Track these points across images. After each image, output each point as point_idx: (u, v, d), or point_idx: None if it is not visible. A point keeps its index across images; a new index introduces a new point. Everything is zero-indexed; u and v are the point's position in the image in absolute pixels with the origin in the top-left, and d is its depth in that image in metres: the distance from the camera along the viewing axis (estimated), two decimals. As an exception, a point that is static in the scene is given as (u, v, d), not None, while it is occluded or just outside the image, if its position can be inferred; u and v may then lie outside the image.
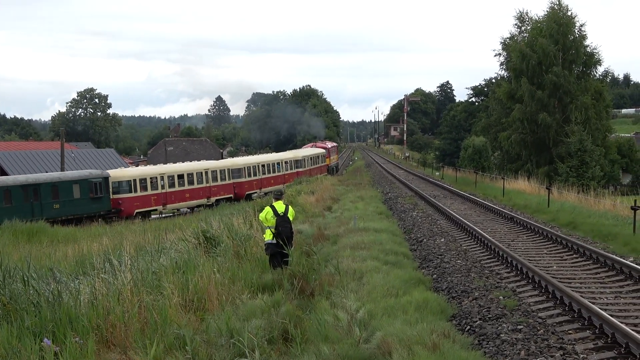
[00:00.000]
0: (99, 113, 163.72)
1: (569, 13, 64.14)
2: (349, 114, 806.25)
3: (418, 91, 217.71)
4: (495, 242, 21.36)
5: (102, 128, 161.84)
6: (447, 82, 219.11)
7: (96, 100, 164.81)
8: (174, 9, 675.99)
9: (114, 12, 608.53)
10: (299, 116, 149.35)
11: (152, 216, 55.56)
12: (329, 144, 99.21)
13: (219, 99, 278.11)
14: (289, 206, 17.68)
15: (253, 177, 67.77)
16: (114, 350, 11.17)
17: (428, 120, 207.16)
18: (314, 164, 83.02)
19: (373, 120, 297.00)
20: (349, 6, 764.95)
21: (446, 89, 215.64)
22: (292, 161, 76.64)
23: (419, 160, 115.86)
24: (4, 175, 69.57)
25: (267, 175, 70.27)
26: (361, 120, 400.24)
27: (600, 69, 67.05)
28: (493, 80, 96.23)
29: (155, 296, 12.83)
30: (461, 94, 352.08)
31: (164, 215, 56.94)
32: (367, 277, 15.85)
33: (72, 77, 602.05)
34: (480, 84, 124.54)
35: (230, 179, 64.77)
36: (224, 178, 64.13)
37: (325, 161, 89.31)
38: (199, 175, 61.24)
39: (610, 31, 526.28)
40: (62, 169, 62.23)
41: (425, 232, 26.07)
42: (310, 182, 54.87)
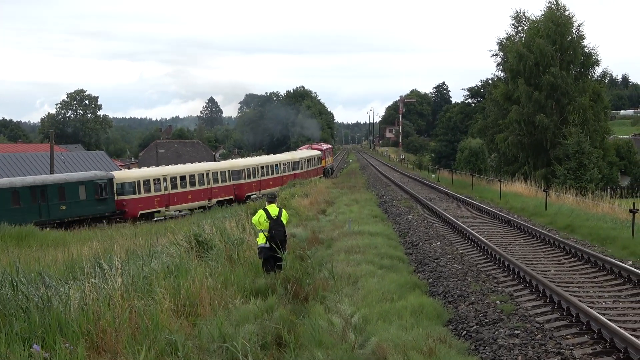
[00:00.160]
0: (89, 115, 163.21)
1: (567, 13, 64.22)
2: (344, 116, 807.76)
3: (413, 92, 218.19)
4: (492, 246, 21.40)
5: (93, 130, 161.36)
6: (443, 83, 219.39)
7: (86, 101, 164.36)
8: (166, 9, 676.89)
9: (105, 12, 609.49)
10: (293, 118, 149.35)
11: (155, 218, 55.94)
12: (324, 146, 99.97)
13: (212, 101, 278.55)
14: (283, 209, 17.65)
15: (253, 179, 68.20)
16: (105, 356, 11.13)
17: (424, 121, 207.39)
18: (311, 166, 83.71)
19: (368, 122, 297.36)
20: (344, 6, 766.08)
21: (442, 90, 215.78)
22: (290, 163, 77.17)
23: (415, 162, 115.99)
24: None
25: (266, 177, 70.73)
26: (356, 122, 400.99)
27: (598, 70, 67.12)
28: (490, 81, 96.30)
29: (146, 301, 12.78)
30: (457, 95, 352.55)
31: (167, 217, 57.36)
32: (362, 282, 15.85)
33: (62, 78, 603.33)
34: (476, 85, 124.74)
35: (230, 181, 65.06)
36: (225, 180, 64.41)
37: (321, 163, 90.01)
38: (200, 176, 61.54)
39: (608, 31, 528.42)
40: (52, 172, 62.07)
41: (421, 236, 26.09)
42: (304, 185, 54.84)
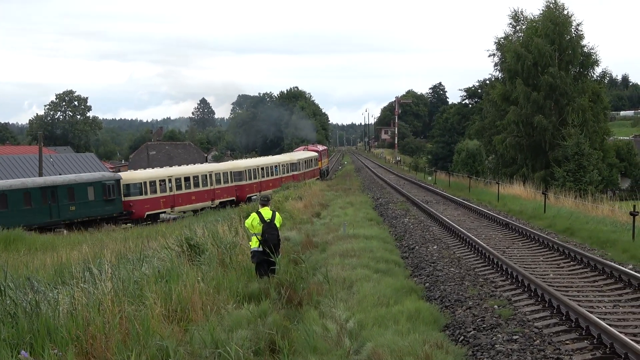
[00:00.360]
0: (79, 116, 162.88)
1: (565, 12, 64.37)
2: (338, 117, 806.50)
3: (409, 93, 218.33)
4: (489, 249, 21.40)
5: (82, 132, 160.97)
6: (440, 84, 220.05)
7: (75, 102, 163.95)
8: (156, 8, 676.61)
9: (94, 12, 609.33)
10: (287, 119, 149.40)
11: (160, 219, 56.77)
12: (320, 147, 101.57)
13: (203, 102, 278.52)
14: (276, 212, 17.63)
15: (253, 180, 69.42)
16: (94, 362, 11.13)
17: (420, 123, 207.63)
18: (308, 167, 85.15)
19: (363, 123, 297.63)
20: (339, 6, 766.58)
21: (439, 91, 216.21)
22: (289, 164, 78.51)
23: (411, 164, 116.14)
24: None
25: (266, 178, 71.92)
26: (351, 123, 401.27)
27: (597, 70, 67.30)
28: (487, 81, 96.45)
29: (137, 306, 12.76)
30: (454, 96, 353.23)
31: (172, 217, 58.19)
32: (357, 286, 15.85)
33: (51, 79, 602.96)
34: (473, 86, 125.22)
35: (232, 182, 66.32)
36: (227, 181, 65.72)
37: (317, 164, 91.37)
38: (204, 177, 62.85)
39: (607, 31, 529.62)
40: (40, 175, 61.95)
41: (417, 239, 26.10)
42: (297, 188, 54.88)
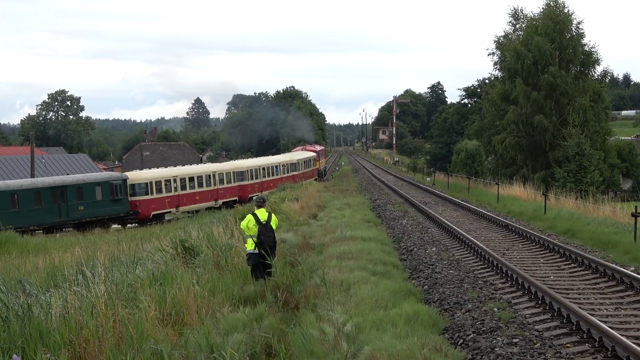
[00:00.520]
0: (71, 116, 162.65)
1: (566, 10, 64.31)
2: (335, 117, 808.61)
3: (408, 92, 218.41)
4: (489, 251, 21.41)
5: (75, 132, 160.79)
6: (438, 83, 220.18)
7: (68, 102, 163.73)
8: (151, 7, 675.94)
9: (87, 10, 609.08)
10: (283, 118, 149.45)
11: (166, 219, 57.65)
12: (318, 148, 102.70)
13: (198, 101, 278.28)
14: (272, 214, 17.63)
15: (255, 180, 70.48)
16: (87, 367, 11.11)
17: (418, 123, 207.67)
18: (307, 167, 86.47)
19: (360, 123, 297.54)
20: (336, 4, 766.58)
21: (437, 90, 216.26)
22: (289, 164, 79.65)
23: (409, 165, 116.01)
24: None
25: (268, 178, 73.05)
26: (348, 123, 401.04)
27: (598, 69, 67.23)
28: (486, 80, 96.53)
29: (131, 309, 12.75)
30: (453, 95, 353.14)
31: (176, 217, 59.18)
32: (355, 289, 15.84)
33: (43, 79, 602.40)
34: (473, 85, 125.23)
35: (235, 182, 67.39)
36: (230, 181, 66.86)
37: (316, 164, 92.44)
38: (207, 177, 63.98)
39: (609, 29, 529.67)
40: (32, 176, 61.91)
41: (415, 241, 26.09)
42: (294, 189, 54.92)
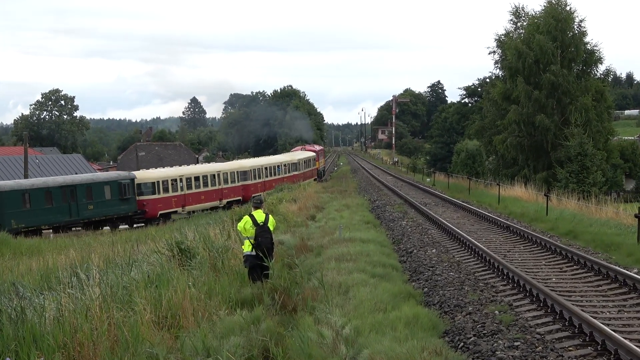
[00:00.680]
0: (65, 116, 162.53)
1: (568, 8, 64.39)
2: (334, 117, 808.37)
3: (407, 92, 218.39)
4: (490, 253, 21.39)
5: (69, 132, 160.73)
6: (438, 82, 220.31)
7: (62, 102, 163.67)
8: (145, 4, 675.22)
9: (80, 8, 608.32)
10: (281, 118, 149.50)
11: (172, 219, 58.21)
12: (317, 147, 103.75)
13: (194, 101, 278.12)
14: (270, 215, 17.61)
15: (258, 180, 71.41)
16: (82, 370, 11.11)
17: (418, 122, 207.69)
18: (307, 167, 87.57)
19: (359, 123, 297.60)
20: (334, 2, 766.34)
21: (437, 90, 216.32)
22: (290, 164, 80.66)
23: (409, 165, 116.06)
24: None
25: (270, 177, 74.00)
26: (346, 123, 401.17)
27: (601, 68, 67.30)
28: (487, 79, 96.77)
29: (126, 312, 12.76)
30: (453, 95, 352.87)
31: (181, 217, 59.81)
32: (354, 291, 15.84)
33: (36, 78, 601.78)
34: (473, 84, 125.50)
35: (238, 182, 68.35)
36: (234, 180, 67.87)
37: (315, 164, 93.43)
38: (212, 177, 64.98)
39: (611, 27, 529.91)
40: (26, 177, 61.87)
41: (415, 243, 26.09)
42: (292, 189, 54.97)
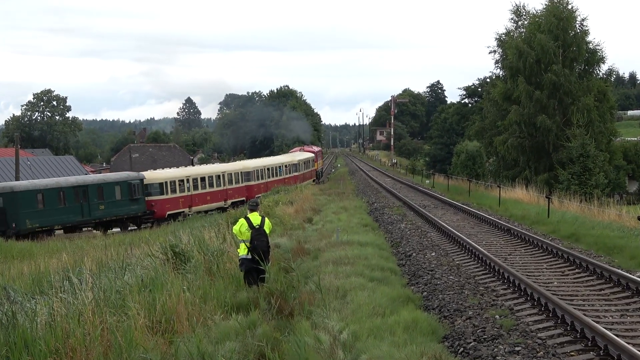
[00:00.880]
0: (58, 117, 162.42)
1: (570, 6, 64.50)
2: (331, 117, 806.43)
3: (406, 92, 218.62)
4: (490, 256, 21.41)
5: (61, 133, 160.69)
6: (438, 82, 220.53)
7: (54, 102, 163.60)
8: (138, 3, 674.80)
9: (72, 7, 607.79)
10: (277, 119, 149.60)
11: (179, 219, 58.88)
12: (315, 148, 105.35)
13: (189, 101, 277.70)
14: (266, 218, 17.62)
15: (261, 180, 72.50)
16: (74, 376, 11.10)
17: (417, 123, 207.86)
18: (307, 168, 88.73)
19: (357, 123, 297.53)
20: (330, 1, 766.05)
21: (437, 90, 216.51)
22: (291, 165, 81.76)
23: (408, 167, 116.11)
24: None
25: (272, 178, 75.03)
26: (344, 123, 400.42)
27: (603, 67, 67.52)
28: (487, 79, 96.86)
29: (119, 317, 12.74)
30: (453, 95, 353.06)
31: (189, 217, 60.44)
32: (351, 295, 15.85)
33: (28, 78, 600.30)
34: (473, 84, 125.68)
35: (242, 182, 69.28)
36: (238, 181, 68.90)
37: (314, 165, 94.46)
38: (217, 178, 65.99)
39: (614, 26, 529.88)
40: (17, 179, 61.77)
41: (414, 246, 26.10)
42: (288, 192, 55.02)
